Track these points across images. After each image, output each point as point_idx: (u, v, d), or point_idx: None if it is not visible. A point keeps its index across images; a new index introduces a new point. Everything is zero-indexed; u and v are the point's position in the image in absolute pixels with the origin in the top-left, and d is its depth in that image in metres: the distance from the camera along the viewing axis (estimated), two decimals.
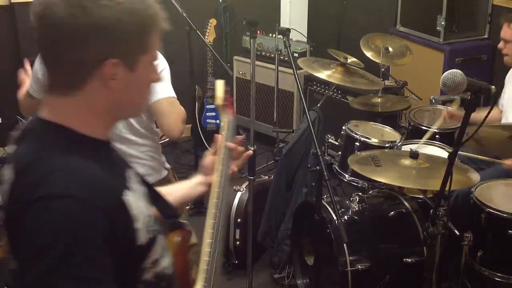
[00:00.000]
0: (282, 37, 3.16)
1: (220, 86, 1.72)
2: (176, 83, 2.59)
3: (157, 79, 1.29)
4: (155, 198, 1.33)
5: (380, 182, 2.86)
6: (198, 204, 4.21)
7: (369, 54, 4.02)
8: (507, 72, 3.59)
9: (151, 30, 1.20)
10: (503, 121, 3.48)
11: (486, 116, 2.05)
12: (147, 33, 1.20)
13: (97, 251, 1.08)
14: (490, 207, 2.77)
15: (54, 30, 1.13)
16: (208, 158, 1.67)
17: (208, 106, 5.27)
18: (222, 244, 1.41)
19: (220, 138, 1.64)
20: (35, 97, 2.55)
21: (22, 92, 2.69)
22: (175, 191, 1.67)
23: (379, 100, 3.86)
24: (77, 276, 1.06)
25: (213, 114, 5.31)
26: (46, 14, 1.13)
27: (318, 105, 3.60)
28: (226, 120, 1.70)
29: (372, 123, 3.63)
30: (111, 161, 1.28)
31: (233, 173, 1.69)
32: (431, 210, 2.23)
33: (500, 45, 3.45)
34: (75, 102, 1.19)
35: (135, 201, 1.20)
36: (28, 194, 1.09)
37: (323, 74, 3.52)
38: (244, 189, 3.59)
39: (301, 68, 3.69)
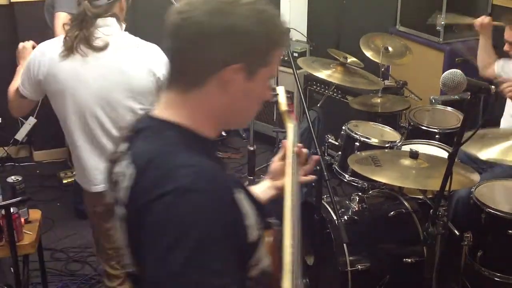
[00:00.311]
0: None
1: (282, 92, 1.72)
2: None
3: (269, 97, 1.34)
4: (250, 197, 1.34)
5: (380, 182, 2.86)
6: None
7: (369, 54, 4.02)
8: None
9: (276, 46, 1.27)
10: (504, 119, 3.48)
11: (485, 118, 2.05)
12: (272, 48, 1.26)
13: (225, 244, 1.11)
14: (490, 207, 2.77)
15: (193, 30, 1.19)
16: (275, 163, 1.70)
17: None
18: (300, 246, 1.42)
19: (287, 143, 1.66)
20: (26, 98, 2.42)
21: (13, 88, 2.48)
22: None
23: (379, 100, 3.86)
24: (210, 269, 1.07)
25: None
26: (189, 15, 1.19)
27: (318, 105, 3.61)
28: (291, 125, 1.71)
29: (372, 123, 3.63)
30: (218, 160, 1.35)
31: (303, 178, 1.70)
32: (431, 210, 2.23)
33: (506, 47, 3.45)
34: (192, 99, 1.24)
35: (243, 198, 1.23)
36: (155, 188, 1.12)
37: (323, 74, 3.52)
38: None
39: (301, 68, 3.69)
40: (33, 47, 2.58)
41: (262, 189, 1.71)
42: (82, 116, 2.37)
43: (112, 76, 2.32)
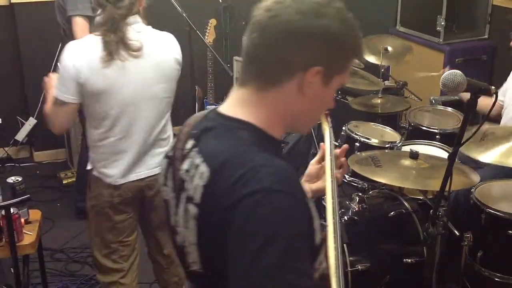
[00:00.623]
0: None
1: None
2: None
3: (332, 105, 1.34)
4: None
5: (380, 182, 2.86)
6: None
7: (369, 54, 4.02)
8: (506, 72, 3.58)
9: (354, 54, 1.28)
10: (504, 117, 3.48)
11: (487, 116, 2.05)
12: (350, 55, 1.27)
13: (306, 245, 1.11)
14: (490, 208, 2.77)
15: (282, 28, 1.18)
16: (313, 167, 1.70)
17: (208, 107, 5.27)
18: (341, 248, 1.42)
19: (325, 146, 1.65)
20: (66, 102, 2.37)
21: (48, 106, 2.46)
22: None
23: (379, 101, 3.87)
24: (300, 270, 1.08)
25: None
26: (278, 12, 1.18)
27: None
28: (328, 128, 1.71)
29: (372, 123, 3.63)
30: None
31: (337, 180, 1.69)
32: (431, 211, 2.23)
33: None
34: (268, 98, 1.24)
35: (310, 200, 1.24)
36: (237, 189, 1.11)
37: None
38: None
39: None
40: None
41: None
42: (124, 112, 2.42)
43: (150, 71, 2.41)
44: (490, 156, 2.69)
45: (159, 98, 2.48)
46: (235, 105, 1.27)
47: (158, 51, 2.44)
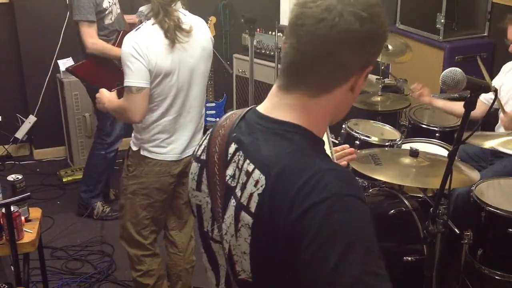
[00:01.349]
0: (282, 35, 3.16)
1: None
2: None
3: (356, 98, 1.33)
4: None
5: (380, 180, 2.86)
6: None
7: None
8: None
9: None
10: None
11: (486, 115, 2.05)
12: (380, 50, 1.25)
13: (378, 247, 1.10)
14: (490, 206, 2.77)
15: (341, 38, 1.13)
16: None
17: (208, 104, 5.27)
18: None
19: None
20: (143, 87, 2.52)
21: (116, 103, 2.64)
22: None
23: (379, 98, 3.87)
24: (378, 273, 1.06)
25: (213, 112, 5.32)
26: (335, 22, 1.13)
27: None
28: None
29: (372, 121, 3.63)
30: None
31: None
32: (431, 209, 2.23)
33: (511, 48, 3.42)
34: (319, 104, 1.20)
35: None
36: (305, 196, 1.07)
37: None
38: None
39: None
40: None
41: None
42: (180, 91, 2.62)
43: (198, 50, 2.63)
44: (492, 143, 2.72)
45: (205, 75, 2.73)
46: (280, 108, 1.21)
47: (201, 32, 2.65)
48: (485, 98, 3.46)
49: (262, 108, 1.24)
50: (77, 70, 3.89)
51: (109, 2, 3.84)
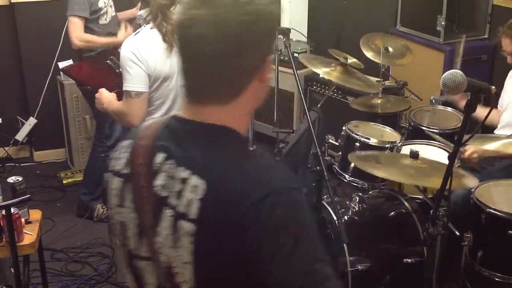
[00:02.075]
0: (282, 37, 3.16)
1: None
2: None
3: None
4: None
5: (380, 182, 2.86)
6: None
7: (369, 54, 4.02)
8: (506, 72, 3.58)
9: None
10: (501, 122, 3.48)
11: (486, 117, 2.05)
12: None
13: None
14: (490, 208, 2.77)
15: (232, 41, 1.12)
16: None
17: None
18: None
19: None
20: (142, 92, 2.54)
21: (116, 105, 2.66)
22: None
23: (379, 101, 3.86)
24: (326, 261, 1.12)
25: None
26: (224, 24, 1.11)
27: (319, 105, 3.60)
28: None
29: (372, 123, 3.62)
30: None
31: None
32: (431, 211, 2.23)
33: (510, 60, 3.41)
34: (236, 107, 1.19)
35: None
36: (248, 195, 1.08)
37: (321, 71, 3.51)
38: None
39: (301, 68, 3.69)
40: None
41: None
42: (178, 94, 2.62)
43: None
44: (493, 146, 2.73)
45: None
46: (202, 113, 1.18)
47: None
48: (500, 105, 3.51)
49: (184, 114, 1.21)
50: (71, 71, 3.88)
51: (105, 3, 3.84)
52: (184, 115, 1.21)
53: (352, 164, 3.07)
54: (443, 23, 4.35)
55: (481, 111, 2.14)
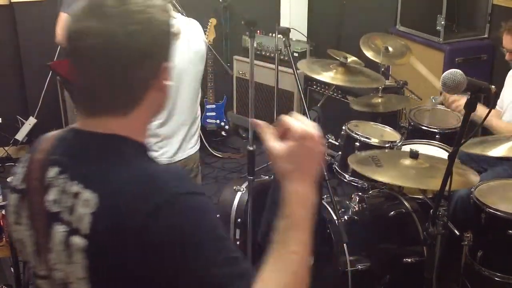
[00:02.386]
0: (282, 37, 3.15)
1: None
2: None
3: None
4: None
5: (380, 182, 2.86)
6: None
7: (369, 54, 4.01)
8: (506, 72, 3.58)
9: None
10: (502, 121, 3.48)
11: (486, 117, 2.05)
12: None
13: (223, 230, 1.11)
14: (490, 207, 2.77)
15: (122, 54, 1.10)
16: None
17: (208, 106, 5.27)
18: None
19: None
20: None
21: None
22: None
23: (379, 100, 3.86)
24: (232, 257, 1.07)
25: (213, 114, 5.31)
26: (114, 39, 1.09)
27: (318, 105, 3.60)
28: None
29: (372, 123, 3.62)
30: None
31: None
32: (431, 210, 2.23)
33: (508, 56, 3.41)
34: (135, 117, 1.16)
35: None
36: (142, 204, 1.05)
37: (323, 76, 3.50)
38: (244, 189, 3.58)
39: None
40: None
41: None
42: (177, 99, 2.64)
43: (188, 55, 2.62)
44: (497, 151, 2.71)
45: (196, 78, 2.72)
46: (98, 123, 1.15)
47: (193, 35, 2.66)
48: (499, 106, 3.51)
49: (81, 126, 1.18)
50: (55, 67, 3.84)
51: None
52: (80, 127, 1.17)
53: None
54: (443, 22, 4.35)
55: (480, 110, 2.14)
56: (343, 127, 3.42)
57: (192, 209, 1.08)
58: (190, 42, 2.63)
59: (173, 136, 2.69)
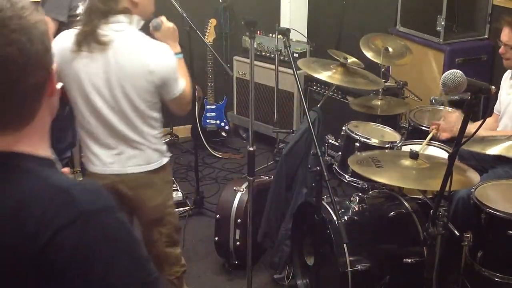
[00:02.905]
0: (282, 37, 3.15)
1: None
2: None
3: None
4: None
5: (381, 182, 2.86)
6: (198, 204, 4.21)
7: (369, 54, 4.02)
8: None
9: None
10: (499, 128, 3.48)
11: (484, 120, 2.06)
12: None
13: (141, 249, 1.08)
14: (490, 208, 2.77)
15: (6, 69, 1.02)
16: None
17: (208, 107, 5.27)
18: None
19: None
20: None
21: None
22: None
23: (379, 102, 3.86)
24: (148, 282, 1.04)
25: (213, 114, 5.32)
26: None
27: (318, 105, 3.60)
28: None
29: (372, 123, 3.62)
30: None
31: None
32: (431, 211, 2.23)
33: (501, 50, 3.41)
34: (33, 129, 1.10)
35: None
36: (46, 225, 0.98)
37: (323, 75, 3.51)
38: (244, 189, 3.59)
39: (301, 68, 3.69)
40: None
41: None
42: (87, 104, 2.49)
43: (114, 71, 2.41)
44: (496, 150, 2.71)
45: (122, 101, 2.44)
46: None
47: (127, 55, 2.40)
48: (496, 109, 3.50)
49: None
50: None
51: (83, 10, 3.78)
52: None
53: None
54: (443, 23, 4.35)
55: (472, 128, 2.13)
56: (343, 128, 3.42)
57: (105, 227, 1.02)
58: (121, 60, 2.40)
59: (101, 147, 2.56)
